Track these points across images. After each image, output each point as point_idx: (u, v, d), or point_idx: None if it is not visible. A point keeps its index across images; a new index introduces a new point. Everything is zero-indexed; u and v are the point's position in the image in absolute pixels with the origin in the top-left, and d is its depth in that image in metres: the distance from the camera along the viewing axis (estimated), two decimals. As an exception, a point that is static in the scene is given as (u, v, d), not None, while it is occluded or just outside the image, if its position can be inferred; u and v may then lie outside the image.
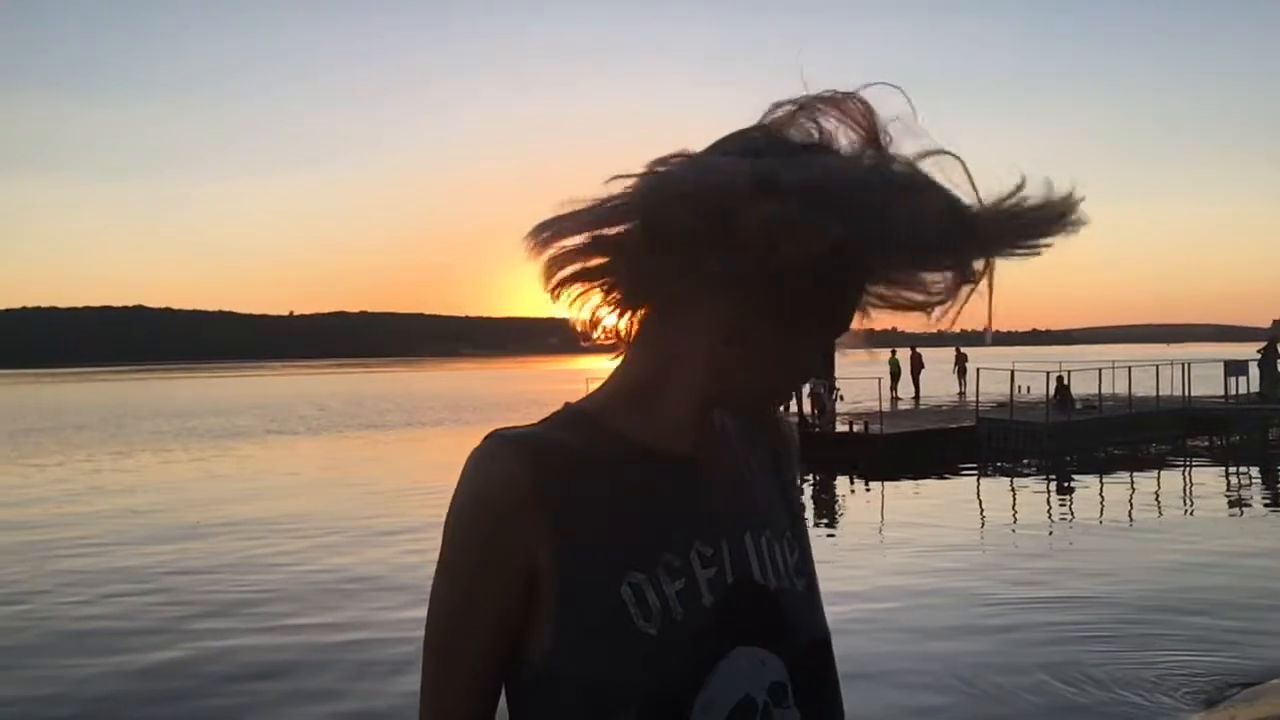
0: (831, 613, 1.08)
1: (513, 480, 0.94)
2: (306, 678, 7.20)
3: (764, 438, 1.14)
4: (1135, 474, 18.10)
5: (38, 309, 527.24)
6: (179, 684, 7.17)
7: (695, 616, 0.97)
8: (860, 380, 25.06)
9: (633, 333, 1.03)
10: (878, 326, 1.02)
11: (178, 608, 9.25)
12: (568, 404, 1.05)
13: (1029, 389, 26.51)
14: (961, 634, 7.94)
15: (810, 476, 19.31)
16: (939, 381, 35.87)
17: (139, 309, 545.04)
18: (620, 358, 1.05)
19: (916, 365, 34.38)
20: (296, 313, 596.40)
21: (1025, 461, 19.86)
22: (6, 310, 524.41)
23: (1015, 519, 13.96)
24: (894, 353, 36.13)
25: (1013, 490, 16.97)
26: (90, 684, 7.19)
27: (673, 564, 0.98)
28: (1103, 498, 15.54)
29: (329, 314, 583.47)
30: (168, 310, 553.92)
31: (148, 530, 13.50)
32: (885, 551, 11.62)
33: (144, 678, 7.32)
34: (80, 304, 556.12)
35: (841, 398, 23.73)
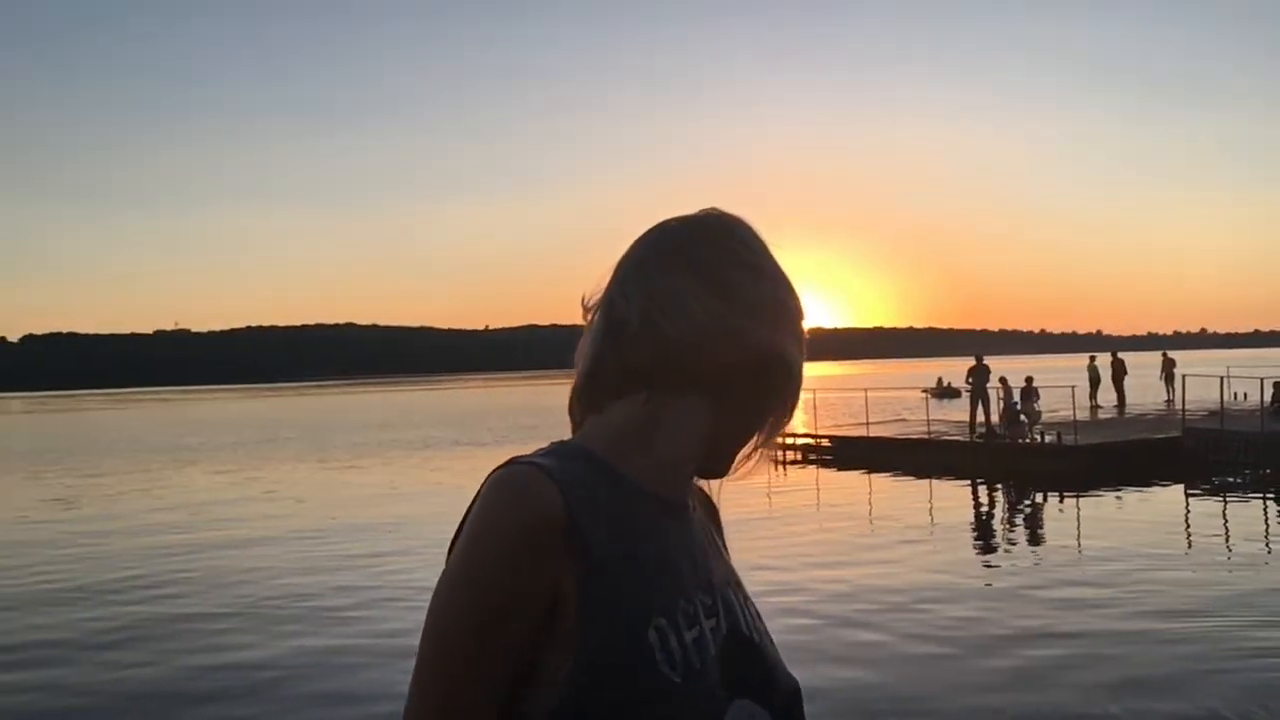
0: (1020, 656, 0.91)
1: (551, 512, 0.92)
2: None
3: (698, 494, 1.15)
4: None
5: (261, 328, 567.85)
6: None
7: (709, 667, 0.97)
8: (1056, 388, 23.76)
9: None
10: (1080, 330, 0.95)
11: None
12: (558, 441, 1.05)
13: (1245, 395, 24.59)
14: (1155, 684, 7.28)
15: (1000, 488, 18.45)
16: (1146, 389, 33.62)
17: (349, 326, 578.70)
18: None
19: (1119, 371, 31.85)
20: (491, 327, 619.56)
21: (1237, 475, 18.30)
22: (234, 330, 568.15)
23: (1228, 543, 12.75)
24: (1093, 359, 34.09)
25: (1224, 510, 15.62)
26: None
27: (688, 611, 0.99)
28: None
29: (520, 327, 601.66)
30: (374, 327, 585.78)
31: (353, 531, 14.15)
32: (1075, 587, 10.84)
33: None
34: (298, 322, 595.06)
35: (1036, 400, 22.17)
